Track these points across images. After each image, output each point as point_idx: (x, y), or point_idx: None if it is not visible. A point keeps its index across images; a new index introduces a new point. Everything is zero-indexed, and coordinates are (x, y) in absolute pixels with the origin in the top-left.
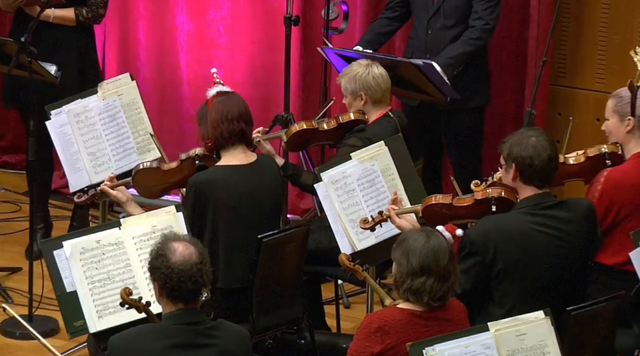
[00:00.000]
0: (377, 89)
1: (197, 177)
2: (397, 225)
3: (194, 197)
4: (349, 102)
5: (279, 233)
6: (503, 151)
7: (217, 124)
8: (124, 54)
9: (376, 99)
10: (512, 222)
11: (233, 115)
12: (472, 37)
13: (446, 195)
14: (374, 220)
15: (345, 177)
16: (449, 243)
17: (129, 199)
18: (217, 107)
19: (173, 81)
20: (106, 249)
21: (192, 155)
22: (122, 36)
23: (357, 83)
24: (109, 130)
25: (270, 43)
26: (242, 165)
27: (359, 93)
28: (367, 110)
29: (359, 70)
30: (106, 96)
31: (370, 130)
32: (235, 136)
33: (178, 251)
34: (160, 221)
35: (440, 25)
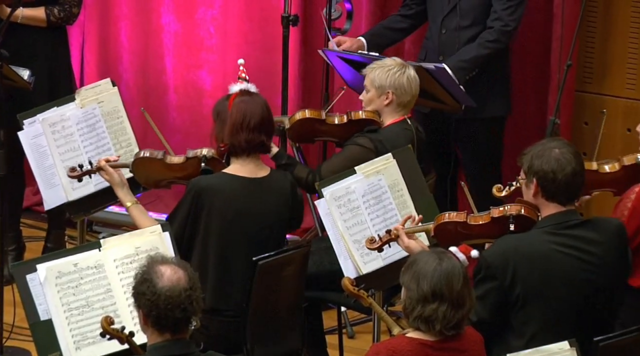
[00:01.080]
0: (407, 91)
1: (200, 180)
2: (404, 245)
3: (191, 200)
4: (371, 97)
5: (275, 254)
6: (523, 164)
7: (236, 130)
8: (104, 58)
9: (401, 103)
10: (532, 242)
11: (255, 123)
12: (488, 39)
13: (460, 213)
14: (381, 240)
15: (349, 192)
16: (463, 266)
17: (122, 182)
18: (238, 109)
19: (158, 87)
20: (85, 273)
21: (199, 155)
22: (102, 37)
23: (389, 79)
24: (88, 142)
25: (266, 45)
26: (249, 178)
27: (387, 91)
28: (386, 112)
29: (394, 67)
30: (85, 104)
31: (384, 133)
32: (254, 148)
33: (165, 275)
34: (145, 242)
35: (455, 25)
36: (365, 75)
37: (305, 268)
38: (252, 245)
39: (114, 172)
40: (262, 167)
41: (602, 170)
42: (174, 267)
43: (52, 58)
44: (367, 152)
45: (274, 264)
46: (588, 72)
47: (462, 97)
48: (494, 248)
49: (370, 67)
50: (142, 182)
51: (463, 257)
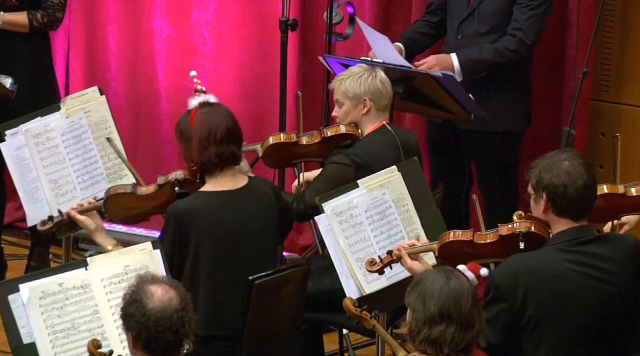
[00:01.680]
0: (384, 94)
1: (177, 205)
2: (407, 267)
3: (173, 228)
4: (346, 110)
5: (273, 274)
6: (531, 178)
7: (203, 146)
8: (91, 64)
9: (380, 107)
10: (544, 261)
11: (222, 134)
12: (509, 47)
13: (466, 231)
14: (382, 262)
15: (351, 207)
16: (472, 285)
17: (99, 227)
18: (202, 123)
19: (149, 96)
20: (70, 293)
21: (171, 180)
22: (89, 43)
23: (362, 86)
24: (74, 154)
25: (263, 51)
26: (230, 190)
27: (363, 99)
28: (365, 121)
29: (363, 73)
30: (71, 113)
31: (360, 145)
32: (225, 160)
33: (156, 295)
34: (134, 260)
35: (472, 31)
36: (334, 89)
37: (304, 288)
38: (246, 258)
39: (86, 218)
40: (239, 177)
41: (629, 194)
42: (165, 286)
43: (35, 65)
44: (344, 168)
45: (271, 284)
46: (605, 80)
47: (471, 107)
48: (503, 267)
49: (337, 79)
50: (119, 220)
51: (472, 276)
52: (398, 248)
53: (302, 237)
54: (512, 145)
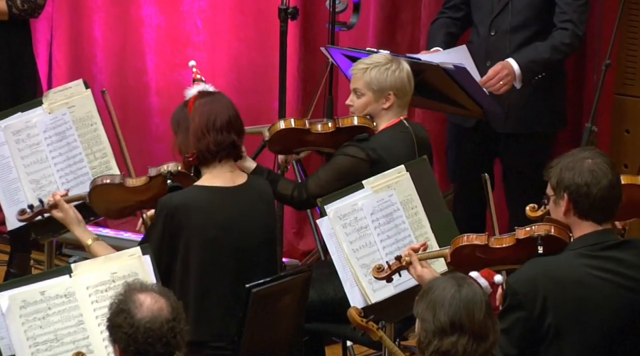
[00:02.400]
0: (408, 90)
1: (170, 198)
2: (416, 274)
3: (163, 223)
4: (366, 102)
5: (272, 281)
6: (551, 178)
7: (202, 134)
8: (76, 56)
9: (402, 103)
10: (564, 266)
11: (222, 122)
12: (564, 41)
13: (480, 235)
14: (390, 268)
15: (355, 210)
16: (486, 293)
17: (80, 221)
18: (201, 112)
19: (138, 89)
20: (53, 302)
21: (163, 172)
22: (74, 32)
23: (389, 79)
24: (57, 152)
25: (261, 41)
26: (227, 187)
27: (388, 93)
28: (383, 115)
29: (390, 64)
30: (54, 109)
31: (377, 140)
32: (225, 150)
33: (145, 305)
34: (122, 266)
35: (507, 26)
36: (353, 76)
37: (305, 296)
38: (241, 261)
39: (69, 208)
40: (239, 173)
41: None
42: (155, 295)
43: (15, 56)
44: (359, 162)
45: (270, 292)
46: (629, 73)
47: (485, 101)
48: (520, 273)
49: (360, 67)
50: (103, 214)
51: (485, 283)
52: (408, 252)
53: (303, 242)
54: (549, 147)
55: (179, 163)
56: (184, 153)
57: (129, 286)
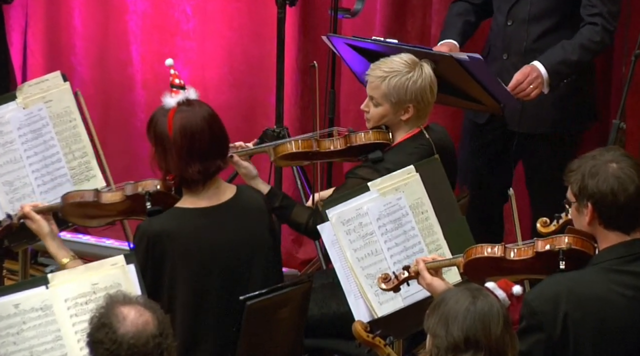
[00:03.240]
0: (430, 100)
1: (150, 225)
2: (425, 284)
3: (145, 252)
4: (383, 113)
5: (268, 293)
6: (572, 184)
7: (185, 162)
8: (53, 45)
9: (422, 114)
10: (588, 283)
11: (205, 147)
12: (594, 39)
13: (496, 246)
14: (397, 279)
15: (360, 215)
16: (504, 306)
17: (54, 233)
18: (182, 131)
19: (122, 83)
20: (28, 316)
21: (141, 192)
22: (51, 19)
23: (410, 90)
24: (33, 151)
25: (256, 29)
26: (212, 206)
27: (407, 105)
28: (401, 126)
29: (410, 71)
30: (29, 103)
31: (392, 158)
32: (210, 176)
33: (129, 319)
34: (104, 277)
35: (524, 15)
36: (370, 82)
37: (305, 309)
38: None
39: (41, 219)
40: (225, 187)
41: None
42: (140, 308)
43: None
44: None
45: (266, 305)
46: None
47: (503, 95)
48: (539, 290)
49: (378, 75)
50: (81, 224)
51: (503, 295)
52: (417, 262)
53: (302, 250)
54: (574, 147)
55: (159, 182)
56: (163, 173)
57: (111, 298)
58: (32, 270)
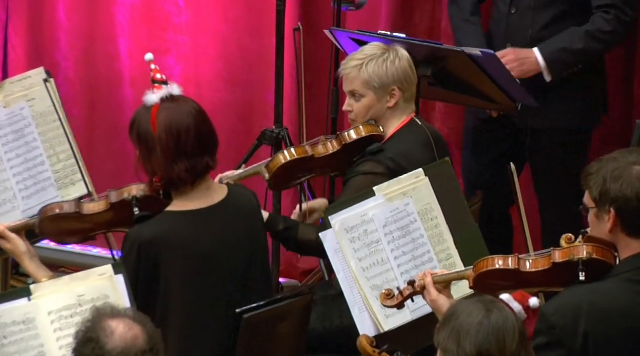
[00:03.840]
0: (413, 79)
1: (140, 232)
2: (430, 300)
3: (136, 260)
4: (368, 104)
5: (266, 305)
6: (592, 188)
7: (171, 160)
8: (36, 40)
9: (409, 96)
10: (609, 295)
11: (193, 144)
12: (604, 29)
13: (509, 257)
14: (402, 295)
15: (365, 222)
16: (519, 319)
17: (33, 255)
18: (167, 129)
19: (109, 80)
20: (9, 330)
21: (127, 198)
22: (34, 13)
23: (389, 71)
24: (14, 153)
25: (254, 23)
26: (203, 209)
27: (391, 88)
28: (389, 116)
29: (386, 54)
30: (10, 102)
31: (392, 147)
32: (199, 176)
33: (117, 333)
34: (91, 288)
35: (530, 2)
36: (346, 77)
37: (306, 323)
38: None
39: (17, 237)
40: (216, 188)
41: None
42: (129, 321)
43: None
44: (378, 178)
45: (264, 318)
46: None
47: (518, 93)
48: (557, 303)
49: (352, 65)
50: (58, 241)
51: (519, 307)
52: (425, 274)
53: (303, 260)
54: (584, 144)
55: (145, 186)
56: (149, 175)
57: (99, 311)
58: (14, 281)
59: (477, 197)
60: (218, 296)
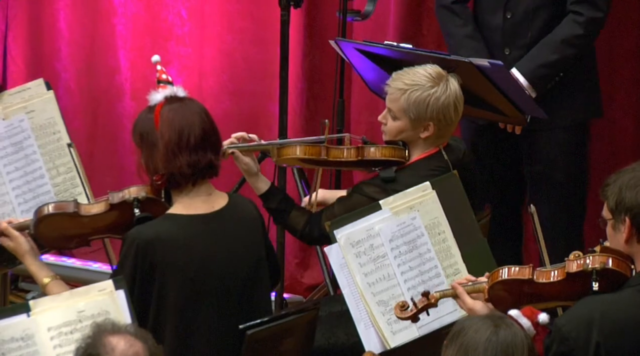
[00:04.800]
0: (454, 120)
1: (139, 233)
2: (468, 308)
3: (133, 261)
4: (401, 127)
5: (270, 321)
6: (608, 198)
7: (172, 154)
8: (36, 51)
9: (443, 133)
10: (624, 306)
11: (196, 138)
12: (576, 33)
13: (524, 268)
14: (416, 307)
15: (371, 236)
16: (528, 336)
17: (34, 250)
18: (170, 124)
19: (110, 91)
20: (8, 346)
21: (128, 199)
22: (34, 23)
23: (431, 107)
24: (13, 166)
25: (258, 33)
26: (205, 214)
27: (426, 123)
28: (418, 144)
29: (435, 87)
30: (9, 114)
31: (404, 179)
32: (200, 172)
33: (117, 350)
34: (91, 304)
35: (526, 5)
36: (389, 94)
37: (310, 339)
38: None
39: (19, 235)
40: (217, 195)
41: None
42: (130, 337)
43: None
44: None
45: (267, 335)
46: None
47: (527, 106)
48: (571, 314)
49: (398, 87)
50: (50, 246)
51: (528, 323)
52: (453, 286)
53: (308, 274)
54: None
55: (146, 187)
56: (150, 174)
57: (99, 327)
58: (12, 296)
59: (485, 210)
60: (211, 303)
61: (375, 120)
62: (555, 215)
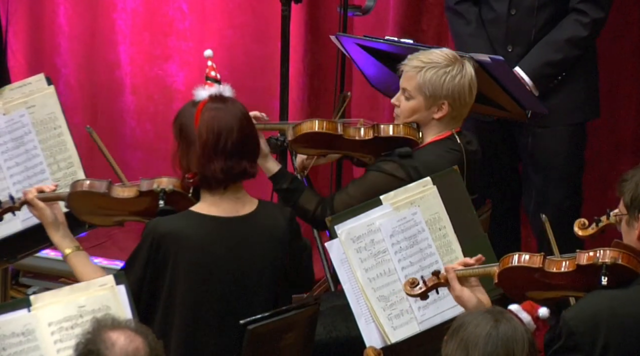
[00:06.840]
0: (467, 101)
1: (158, 224)
2: (455, 295)
3: (148, 252)
4: (414, 107)
5: (271, 316)
6: (625, 194)
7: (208, 156)
8: (36, 46)
9: (456, 115)
10: (632, 302)
11: (234, 144)
12: (580, 35)
13: (535, 255)
14: (425, 285)
15: (372, 231)
16: (529, 330)
17: (60, 223)
18: (209, 126)
19: (110, 86)
20: (8, 342)
21: (156, 189)
22: (34, 18)
23: (447, 85)
24: (14, 161)
25: (259, 28)
26: (228, 217)
27: (441, 102)
28: (432, 126)
29: (451, 66)
30: (9, 109)
31: (421, 158)
32: (233, 178)
33: (117, 345)
34: (91, 299)
35: (530, 2)
36: (405, 73)
37: (311, 334)
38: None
39: (45, 207)
40: (246, 200)
41: None
42: (130, 333)
43: None
44: (396, 182)
45: (269, 329)
46: None
47: (528, 101)
48: (579, 308)
49: (414, 64)
50: (85, 219)
51: (528, 318)
52: (447, 270)
53: None
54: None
55: (177, 180)
56: (183, 170)
57: (99, 322)
58: (13, 291)
59: (486, 205)
60: (219, 309)
61: (376, 115)
62: (552, 214)
